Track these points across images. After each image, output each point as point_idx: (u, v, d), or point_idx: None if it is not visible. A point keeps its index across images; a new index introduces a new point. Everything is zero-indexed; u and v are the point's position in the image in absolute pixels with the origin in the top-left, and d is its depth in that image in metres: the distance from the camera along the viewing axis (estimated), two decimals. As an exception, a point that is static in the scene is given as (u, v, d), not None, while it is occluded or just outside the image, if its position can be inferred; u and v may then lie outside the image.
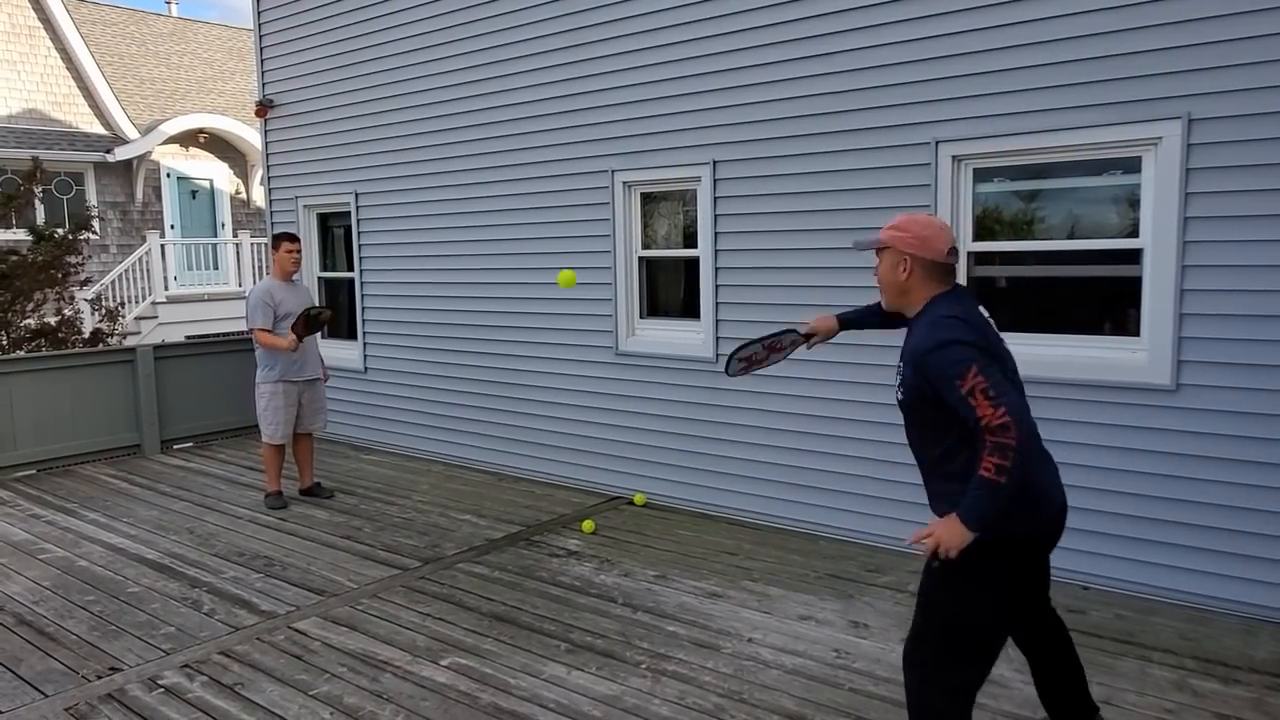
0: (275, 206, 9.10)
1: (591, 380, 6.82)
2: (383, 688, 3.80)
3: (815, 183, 5.58)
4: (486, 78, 7.15)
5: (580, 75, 6.60)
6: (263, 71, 9.00)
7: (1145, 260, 4.59)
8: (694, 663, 3.98)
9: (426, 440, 8.01)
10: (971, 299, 2.79)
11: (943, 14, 5.02)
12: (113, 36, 18.67)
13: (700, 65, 5.98)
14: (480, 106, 7.23)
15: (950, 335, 2.54)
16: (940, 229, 2.74)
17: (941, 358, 2.51)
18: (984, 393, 2.41)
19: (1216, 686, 3.72)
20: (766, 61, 5.69)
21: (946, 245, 2.71)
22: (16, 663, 4.09)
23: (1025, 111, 4.81)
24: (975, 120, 4.97)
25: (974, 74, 4.95)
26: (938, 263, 2.71)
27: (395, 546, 5.62)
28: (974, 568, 2.55)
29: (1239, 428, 4.38)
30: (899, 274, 2.74)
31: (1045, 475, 2.68)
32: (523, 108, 6.96)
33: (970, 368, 2.44)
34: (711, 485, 6.19)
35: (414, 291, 7.98)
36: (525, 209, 7.06)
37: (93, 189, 15.86)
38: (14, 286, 10.59)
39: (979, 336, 2.57)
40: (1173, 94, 4.42)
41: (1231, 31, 4.26)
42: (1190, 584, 4.53)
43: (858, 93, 5.36)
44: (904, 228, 2.74)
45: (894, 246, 2.74)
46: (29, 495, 6.99)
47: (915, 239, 2.70)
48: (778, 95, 5.66)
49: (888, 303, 2.85)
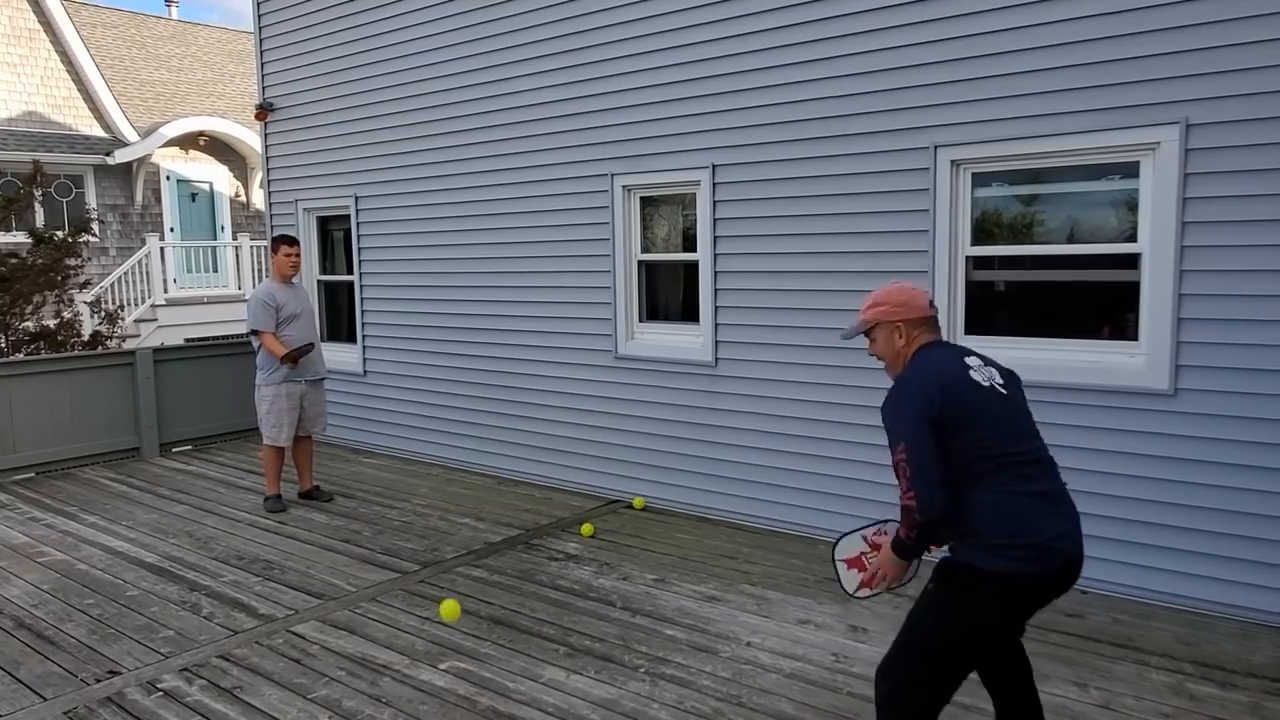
0: (275, 210, 9.11)
1: (591, 384, 6.82)
2: (381, 691, 3.80)
3: (814, 187, 5.59)
4: (486, 82, 7.16)
5: (580, 79, 6.61)
6: (263, 75, 9.02)
7: (1143, 265, 4.60)
8: (693, 666, 3.98)
9: (426, 443, 8.01)
10: (955, 349, 2.87)
11: (941, 19, 5.04)
12: (113, 39, 18.68)
13: (700, 70, 6.00)
14: (480, 110, 7.24)
15: (900, 396, 2.71)
16: (914, 289, 2.90)
17: (889, 419, 2.71)
18: (903, 471, 2.61)
19: (1214, 691, 3.72)
20: (766, 66, 5.70)
21: (925, 300, 2.89)
22: (15, 666, 4.09)
23: (1024, 116, 4.82)
24: (974, 125, 4.99)
25: (972, 79, 4.97)
26: (924, 317, 2.87)
27: (394, 550, 5.62)
28: (963, 594, 2.65)
29: (1237, 432, 4.38)
30: (897, 342, 2.87)
31: (1045, 523, 2.60)
32: (522, 111, 6.98)
33: (900, 444, 2.63)
34: (711, 489, 6.20)
35: (413, 295, 7.99)
36: (525, 213, 7.07)
37: (92, 192, 15.87)
38: (13, 289, 10.59)
39: (933, 396, 2.63)
40: (1170, 99, 4.43)
41: (1229, 37, 4.28)
42: (1188, 588, 4.53)
43: (857, 97, 5.37)
44: (884, 301, 2.89)
45: (884, 321, 2.88)
46: (28, 498, 6.99)
47: (899, 307, 2.86)
48: (777, 100, 5.68)
49: (893, 373, 2.90)
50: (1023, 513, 2.60)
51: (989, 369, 2.79)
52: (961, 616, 2.66)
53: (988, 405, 2.68)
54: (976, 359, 2.81)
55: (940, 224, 5.13)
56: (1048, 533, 2.59)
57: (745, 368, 5.99)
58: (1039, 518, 2.60)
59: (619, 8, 6.34)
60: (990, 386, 2.72)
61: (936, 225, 5.14)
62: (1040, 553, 2.57)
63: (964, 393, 2.67)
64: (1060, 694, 3.69)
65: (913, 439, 2.60)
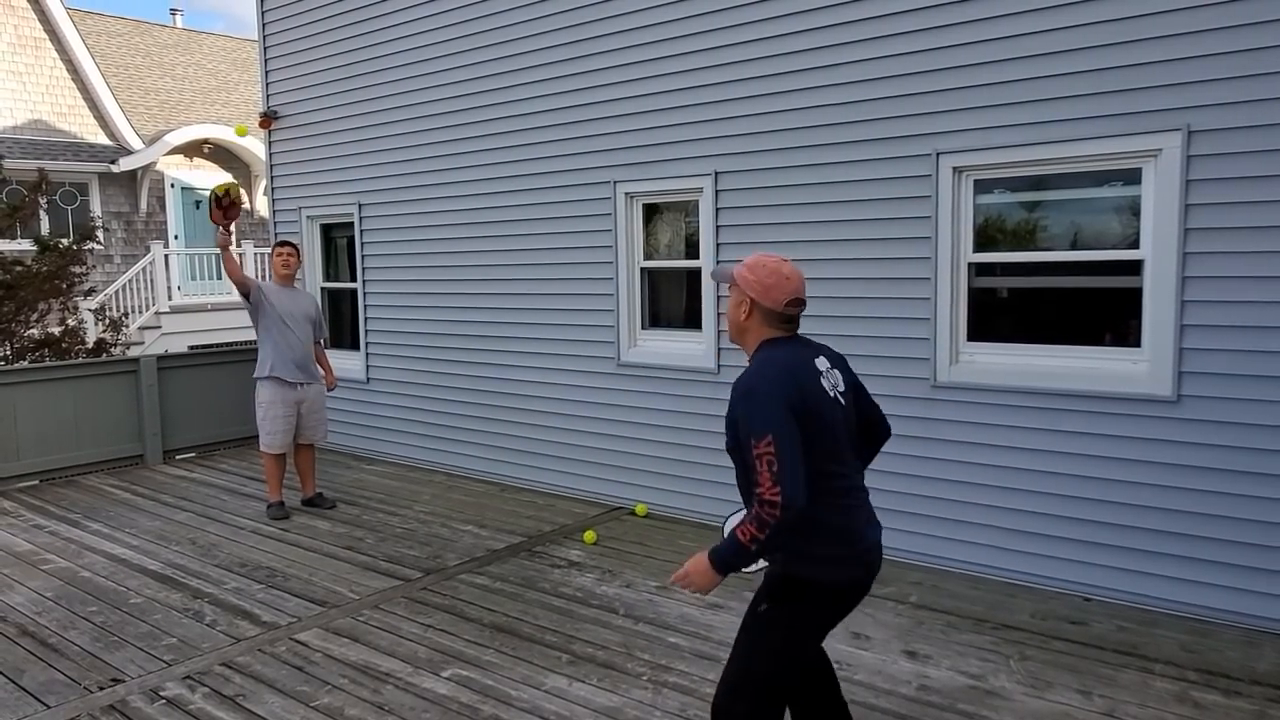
0: (279, 217, 9.14)
1: (593, 391, 6.82)
2: (384, 699, 3.80)
3: (816, 194, 5.60)
4: (489, 89, 7.18)
5: (582, 87, 6.63)
6: (267, 83, 9.05)
7: (1146, 271, 4.60)
8: (696, 674, 3.98)
9: (428, 450, 8.02)
10: (809, 348, 2.71)
11: (944, 27, 5.05)
12: (118, 48, 18.77)
13: (702, 77, 6.01)
14: (482, 118, 7.26)
15: (761, 387, 2.50)
16: (786, 279, 2.64)
17: (748, 409, 2.50)
18: (769, 465, 2.40)
19: (1219, 698, 3.71)
20: (768, 74, 5.71)
21: (787, 298, 2.63)
22: (19, 674, 4.09)
23: (1026, 123, 4.83)
24: (976, 132, 4.99)
25: (974, 86, 4.98)
26: (777, 313, 2.65)
27: (397, 557, 5.62)
28: (797, 606, 2.61)
29: (1240, 439, 4.38)
30: (739, 314, 2.70)
31: (861, 531, 2.63)
32: (525, 120, 6.99)
33: (766, 435, 2.41)
34: (713, 496, 6.19)
35: (416, 302, 8.00)
36: (527, 220, 7.09)
37: (97, 199, 15.93)
38: (19, 296, 10.63)
39: (791, 391, 2.50)
40: (1172, 106, 4.44)
41: (1231, 44, 4.28)
42: (1192, 595, 4.52)
43: (859, 104, 5.38)
44: (752, 270, 2.67)
45: (739, 285, 2.69)
46: (32, 506, 7.01)
47: (759, 284, 2.64)
48: (779, 107, 5.69)
49: (733, 338, 2.79)
50: (847, 526, 2.60)
51: (835, 373, 2.69)
52: (784, 629, 2.62)
53: (833, 417, 2.59)
54: (825, 360, 2.69)
55: (942, 231, 5.13)
56: (861, 536, 2.62)
57: (748, 374, 5.98)
58: (858, 529, 2.63)
59: (621, 15, 6.36)
60: (834, 397, 2.63)
61: (939, 232, 5.14)
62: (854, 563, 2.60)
63: (816, 399, 2.56)
64: (1064, 702, 3.68)
65: (781, 429, 2.42)
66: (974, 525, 5.12)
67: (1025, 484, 4.94)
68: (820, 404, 2.56)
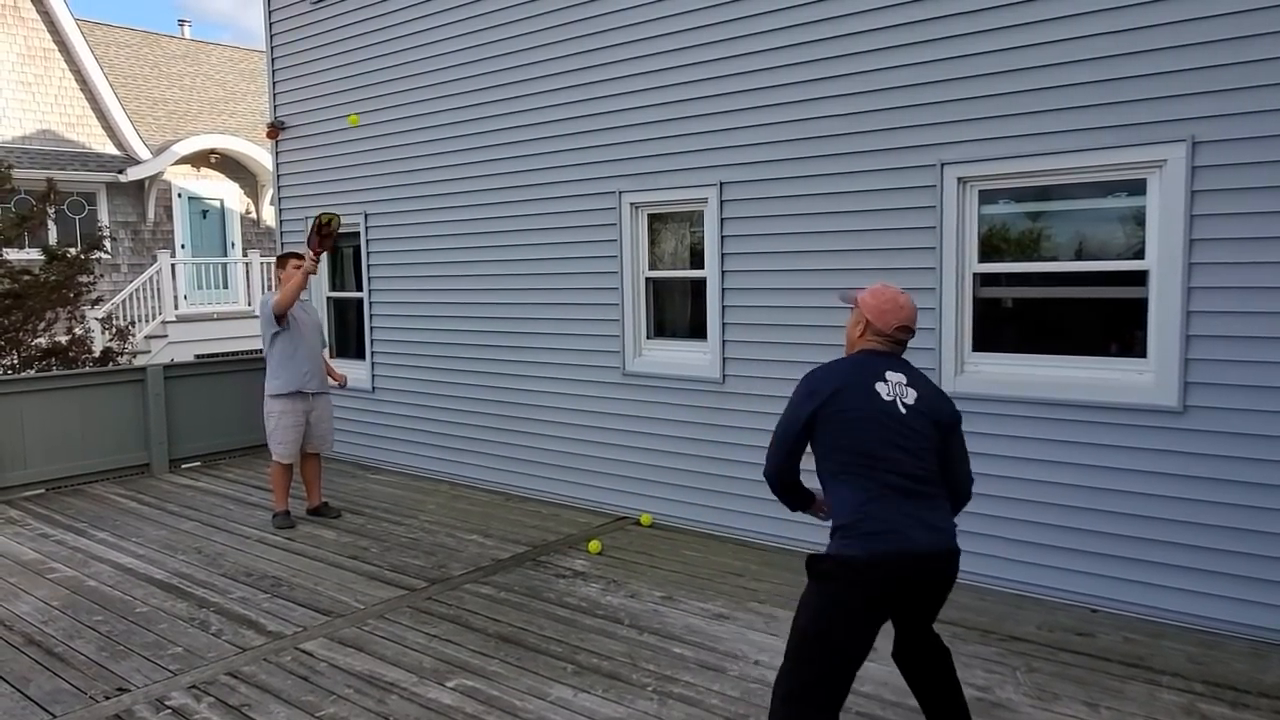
0: (285, 226, 9.17)
1: (598, 400, 6.83)
2: (389, 709, 3.80)
3: (821, 204, 5.61)
4: (494, 100, 7.22)
5: (588, 98, 6.66)
6: (274, 94, 9.10)
7: (1151, 282, 4.59)
8: (701, 685, 3.97)
9: (434, 460, 8.03)
10: (890, 360, 3.01)
11: (949, 38, 5.06)
12: (126, 58, 18.88)
13: (708, 88, 6.03)
14: (488, 129, 7.29)
15: (804, 379, 3.00)
16: (900, 308, 3.04)
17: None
18: (772, 438, 3.02)
19: (1226, 711, 3.69)
20: (773, 85, 5.73)
21: (897, 323, 3.03)
22: (25, 683, 4.10)
23: (1030, 134, 4.84)
24: (980, 143, 5.00)
25: (979, 97, 4.99)
26: (883, 333, 3.04)
27: (402, 567, 5.63)
28: (820, 583, 2.82)
29: (1247, 450, 4.37)
30: (855, 331, 3.12)
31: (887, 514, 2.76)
32: (530, 130, 7.02)
33: (784, 415, 2.97)
34: (718, 506, 6.19)
35: (422, 312, 8.03)
36: (532, 230, 7.11)
37: (105, 209, 16.00)
38: (26, 306, 10.67)
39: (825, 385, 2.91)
40: (1177, 117, 4.44)
41: (1235, 55, 4.29)
42: (1199, 607, 4.51)
43: (864, 115, 5.39)
44: (873, 295, 3.09)
45: (859, 308, 3.11)
46: (38, 514, 7.03)
47: (876, 309, 3.06)
48: (784, 118, 5.70)
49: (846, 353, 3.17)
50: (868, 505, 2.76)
51: (908, 390, 2.92)
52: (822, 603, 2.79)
53: (874, 415, 2.85)
54: (901, 377, 2.95)
55: (947, 241, 5.14)
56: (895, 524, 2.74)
57: (753, 384, 5.99)
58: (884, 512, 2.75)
59: (626, 27, 6.39)
60: (892, 400, 2.88)
61: (943, 242, 5.14)
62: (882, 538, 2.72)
63: (855, 399, 2.87)
64: (1070, 713, 3.67)
65: (787, 413, 2.97)
66: (980, 536, 5.10)
67: (1031, 495, 4.93)
68: (862, 397, 2.88)
